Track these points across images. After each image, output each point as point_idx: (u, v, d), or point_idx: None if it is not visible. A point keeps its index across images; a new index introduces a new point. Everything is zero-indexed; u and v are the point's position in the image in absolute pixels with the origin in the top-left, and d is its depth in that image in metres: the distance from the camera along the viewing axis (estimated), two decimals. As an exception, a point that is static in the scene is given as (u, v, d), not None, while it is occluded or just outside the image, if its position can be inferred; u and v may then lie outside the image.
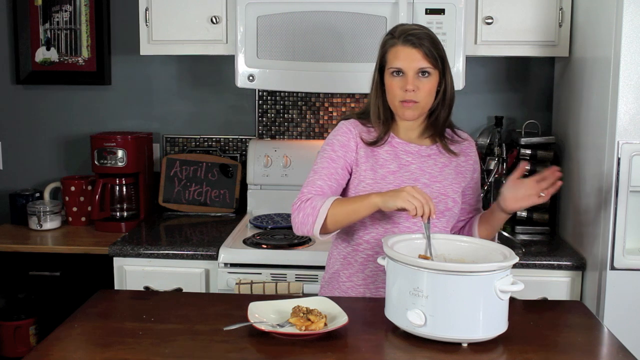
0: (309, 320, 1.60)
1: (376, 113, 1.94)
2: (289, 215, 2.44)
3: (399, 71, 1.86)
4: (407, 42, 1.85)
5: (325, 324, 1.62)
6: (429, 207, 1.71)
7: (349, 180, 1.96)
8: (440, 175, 1.95)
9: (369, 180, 1.92)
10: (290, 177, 2.94)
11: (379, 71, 1.92)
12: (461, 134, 2.03)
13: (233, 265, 2.46)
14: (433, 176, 1.94)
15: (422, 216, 1.71)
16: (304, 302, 1.71)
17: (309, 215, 1.84)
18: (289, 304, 1.70)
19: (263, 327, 1.59)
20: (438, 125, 1.96)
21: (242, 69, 2.61)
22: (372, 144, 1.94)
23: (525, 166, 1.94)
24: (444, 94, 1.92)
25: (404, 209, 1.73)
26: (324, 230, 1.87)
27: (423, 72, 1.86)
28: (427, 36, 1.87)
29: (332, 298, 1.76)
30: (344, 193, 1.98)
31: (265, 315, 1.68)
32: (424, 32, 1.87)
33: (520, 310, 1.81)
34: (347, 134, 1.96)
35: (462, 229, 2.07)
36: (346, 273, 1.98)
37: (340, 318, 1.64)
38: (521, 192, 1.88)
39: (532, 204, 1.88)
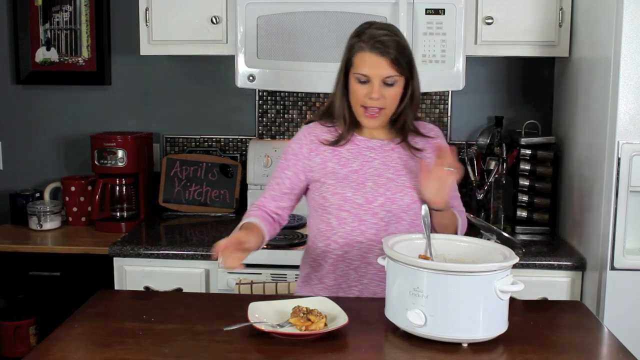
0: (309, 320, 1.60)
1: (342, 116, 1.93)
2: (288, 216, 2.44)
3: (364, 77, 1.85)
4: (375, 49, 1.82)
5: (326, 324, 1.62)
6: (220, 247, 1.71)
7: (312, 184, 1.97)
8: (405, 169, 1.94)
9: (331, 181, 1.92)
10: (290, 177, 2.94)
11: (344, 73, 1.91)
12: (428, 132, 2.01)
13: (233, 265, 2.46)
14: (397, 170, 1.94)
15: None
16: (304, 302, 1.71)
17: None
18: (289, 304, 1.70)
19: (263, 327, 1.59)
20: (404, 128, 1.95)
21: (242, 69, 2.61)
22: (334, 143, 1.95)
23: (424, 164, 1.86)
24: (411, 98, 1.91)
25: None
26: None
27: (389, 80, 1.84)
28: (395, 43, 1.84)
29: (332, 298, 1.77)
30: (310, 196, 1.99)
31: (265, 315, 1.68)
32: (392, 39, 1.84)
33: (520, 310, 1.81)
34: (301, 141, 1.98)
35: None
36: (317, 275, 1.99)
37: (340, 318, 1.64)
38: (434, 184, 1.83)
39: (450, 185, 1.83)
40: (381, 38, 1.83)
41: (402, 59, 1.84)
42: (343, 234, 1.93)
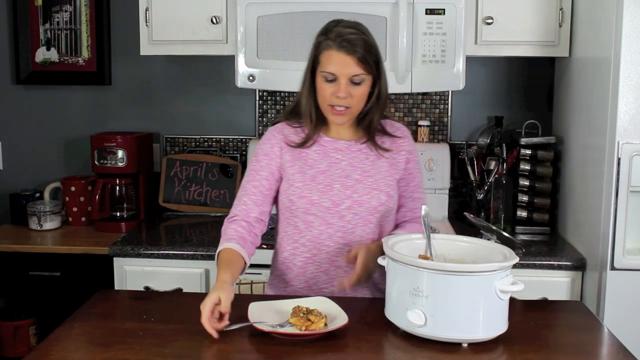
0: (309, 320, 1.60)
1: (308, 114, 1.91)
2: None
3: (331, 76, 1.83)
4: (342, 47, 1.80)
5: (326, 324, 1.61)
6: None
7: (282, 184, 1.95)
8: (373, 169, 1.93)
9: (298, 183, 1.91)
10: (290, 177, 2.94)
11: (311, 71, 1.89)
12: (395, 131, 1.99)
13: (233, 265, 2.46)
14: (365, 171, 1.92)
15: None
16: (304, 302, 1.71)
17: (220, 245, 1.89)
18: (289, 304, 1.70)
19: (263, 327, 1.59)
20: (370, 127, 1.94)
21: (242, 69, 2.61)
22: (300, 145, 1.93)
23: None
24: (378, 97, 1.90)
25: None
26: None
27: (356, 78, 1.83)
28: (362, 41, 1.82)
29: (332, 298, 1.76)
30: (279, 199, 1.97)
31: (265, 315, 1.68)
32: (359, 37, 1.82)
33: (520, 310, 1.81)
34: (271, 140, 1.95)
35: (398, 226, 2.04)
36: (286, 278, 1.97)
37: (340, 318, 1.64)
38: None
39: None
40: (348, 36, 1.81)
41: (370, 57, 1.83)
42: (310, 237, 1.91)
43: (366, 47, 1.82)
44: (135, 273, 2.54)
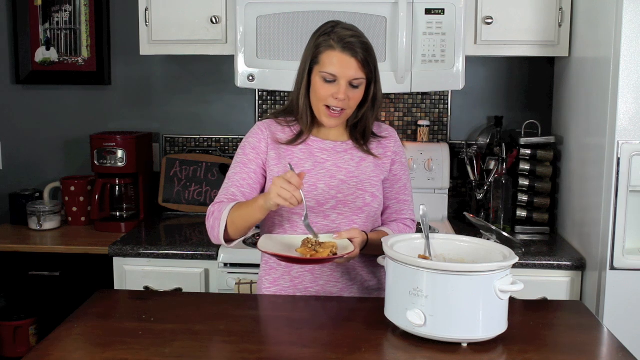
0: (315, 251, 1.68)
1: (305, 114, 1.91)
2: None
3: (332, 77, 1.82)
4: (346, 49, 1.81)
5: (333, 253, 1.71)
6: (298, 194, 1.68)
7: (267, 183, 1.94)
8: (358, 170, 1.93)
9: None
10: (290, 177, 2.94)
11: (308, 70, 1.88)
12: (382, 132, 1.99)
13: (233, 265, 2.46)
14: (350, 172, 1.92)
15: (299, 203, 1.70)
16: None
17: (216, 220, 1.84)
18: (299, 239, 1.78)
19: (269, 250, 1.69)
20: (366, 132, 1.94)
21: (242, 69, 2.61)
22: (289, 142, 1.93)
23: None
24: (374, 102, 1.90)
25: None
26: (227, 237, 1.86)
27: (355, 82, 1.83)
28: (364, 45, 1.83)
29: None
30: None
31: (275, 247, 1.76)
32: (360, 41, 1.83)
33: (520, 310, 1.81)
34: (258, 135, 1.95)
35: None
36: (269, 279, 1.97)
37: (348, 249, 1.73)
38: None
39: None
40: (350, 39, 1.81)
41: (371, 61, 1.84)
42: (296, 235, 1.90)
43: (367, 50, 1.83)
44: (134, 273, 2.54)
